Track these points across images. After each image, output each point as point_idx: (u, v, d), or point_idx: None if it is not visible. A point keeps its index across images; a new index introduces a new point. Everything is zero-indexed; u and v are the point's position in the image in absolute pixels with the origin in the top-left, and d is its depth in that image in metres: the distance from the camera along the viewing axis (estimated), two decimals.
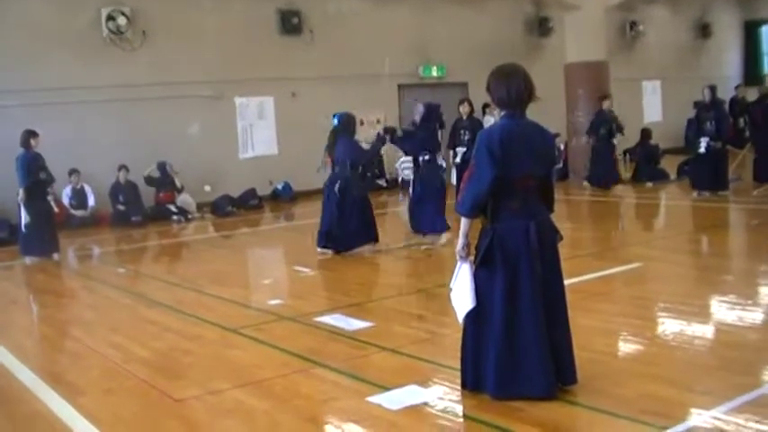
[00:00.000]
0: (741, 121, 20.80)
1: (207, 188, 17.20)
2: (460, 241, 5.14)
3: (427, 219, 11.45)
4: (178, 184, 16.65)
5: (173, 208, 16.45)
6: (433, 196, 11.42)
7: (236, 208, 17.19)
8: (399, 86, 20.32)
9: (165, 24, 17.10)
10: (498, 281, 5.04)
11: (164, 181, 16.55)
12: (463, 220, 5.12)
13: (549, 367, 5.02)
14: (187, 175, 16.81)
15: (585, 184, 17.89)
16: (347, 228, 10.99)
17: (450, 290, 5.25)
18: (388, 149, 13.56)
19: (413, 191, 11.76)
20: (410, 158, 11.71)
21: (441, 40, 20.85)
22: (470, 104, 14.93)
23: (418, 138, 11.60)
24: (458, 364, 5.35)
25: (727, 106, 17.10)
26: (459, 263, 5.19)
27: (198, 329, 7.59)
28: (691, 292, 8.07)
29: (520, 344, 5.01)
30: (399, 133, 12.41)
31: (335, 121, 11.53)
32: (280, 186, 18.57)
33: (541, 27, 22.90)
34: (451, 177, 14.91)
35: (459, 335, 5.30)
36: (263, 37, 18.42)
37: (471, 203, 5.04)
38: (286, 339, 6.93)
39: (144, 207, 16.38)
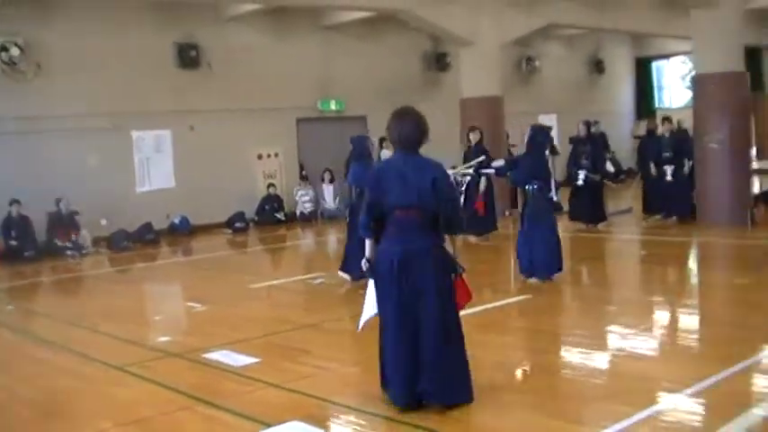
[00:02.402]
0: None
1: (103, 222, 16.85)
2: (365, 257, 5.76)
3: (540, 260, 10.22)
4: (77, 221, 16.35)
5: (67, 243, 16.11)
6: (543, 233, 10.26)
7: (133, 242, 16.91)
8: (298, 120, 20.38)
9: (61, 56, 16.77)
10: (377, 295, 5.68)
11: (59, 216, 16.20)
12: (366, 240, 5.75)
13: (404, 380, 5.48)
14: (83, 209, 16.48)
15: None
16: (353, 253, 10.13)
17: None
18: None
19: (521, 228, 10.45)
20: (308, 192, 11.13)
21: (340, 74, 20.93)
22: (481, 133, 14.49)
23: (526, 164, 10.28)
24: (343, 400, 5.62)
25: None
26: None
27: (84, 368, 7.47)
28: (577, 324, 8.28)
29: (386, 354, 5.65)
30: (499, 162, 11.50)
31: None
32: (177, 220, 18.32)
33: (439, 62, 23.20)
34: None
35: (345, 370, 5.41)
36: (161, 70, 18.21)
37: (362, 225, 5.74)
38: (171, 376, 6.88)
39: (37, 242, 15.99)
